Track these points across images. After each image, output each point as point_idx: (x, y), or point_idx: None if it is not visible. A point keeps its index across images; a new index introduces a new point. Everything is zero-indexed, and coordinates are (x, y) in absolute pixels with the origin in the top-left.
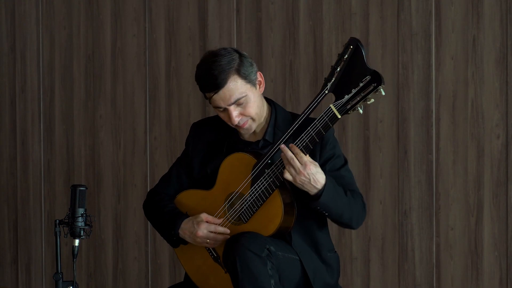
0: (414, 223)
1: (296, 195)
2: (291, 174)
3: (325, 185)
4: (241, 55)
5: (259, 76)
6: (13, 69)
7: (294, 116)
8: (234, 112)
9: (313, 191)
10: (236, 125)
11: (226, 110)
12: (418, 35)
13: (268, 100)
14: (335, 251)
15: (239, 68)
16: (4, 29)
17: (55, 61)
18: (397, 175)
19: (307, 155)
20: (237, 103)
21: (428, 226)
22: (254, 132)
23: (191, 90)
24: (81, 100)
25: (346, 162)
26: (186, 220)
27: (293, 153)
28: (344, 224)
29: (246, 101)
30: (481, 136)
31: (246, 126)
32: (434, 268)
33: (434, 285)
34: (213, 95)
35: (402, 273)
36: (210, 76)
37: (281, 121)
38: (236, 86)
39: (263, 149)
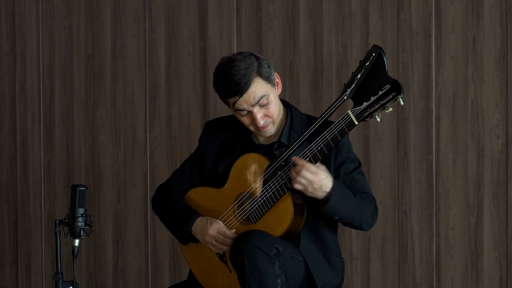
0: (414, 223)
1: (306, 200)
2: (302, 185)
3: (332, 188)
4: (257, 58)
5: (276, 77)
6: (13, 69)
7: (310, 118)
8: (259, 114)
9: (322, 196)
10: (256, 128)
11: (249, 114)
12: (418, 35)
13: (283, 102)
14: (342, 257)
15: (260, 70)
16: (4, 29)
17: (55, 61)
18: (397, 175)
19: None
20: (260, 103)
21: (428, 226)
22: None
23: (191, 90)
24: (81, 100)
25: (359, 164)
26: (200, 218)
27: (301, 166)
28: (355, 226)
29: (268, 101)
30: (481, 136)
31: (267, 129)
32: (434, 268)
33: (434, 285)
34: (237, 99)
35: (402, 273)
36: (232, 82)
37: (297, 123)
38: (259, 88)
39: (279, 149)
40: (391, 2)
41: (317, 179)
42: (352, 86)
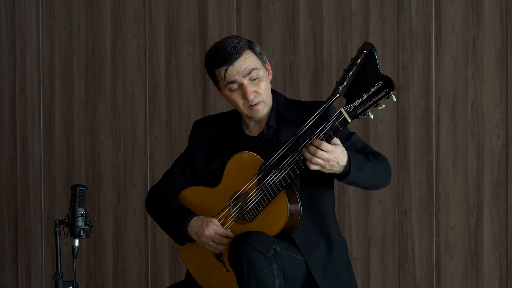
0: (414, 223)
1: (304, 175)
2: (319, 164)
3: (349, 160)
4: (249, 41)
5: (268, 65)
6: (13, 69)
7: (295, 103)
8: (249, 87)
9: (340, 170)
10: (249, 106)
11: (240, 88)
12: (418, 35)
13: None
14: (342, 236)
15: (251, 46)
16: (4, 29)
17: (55, 61)
18: (397, 175)
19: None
20: (251, 77)
21: (428, 226)
22: (259, 121)
23: (191, 90)
24: (81, 100)
25: (353, 132)
26: (196, 218)
27: (315, 146)
28: (375, 187)
29: (259, 77)
30: (481, 136)
31: (258, 106)
32: (434, 268)
33: (434, 285)
34: (228, 67)
35: (402, 273)
36: (223, 51)
37: (282, 106)
38: (250, 59)
39: (271, 139)
40: (391, 2)
41: (333, 156)
42: (344, 84)
